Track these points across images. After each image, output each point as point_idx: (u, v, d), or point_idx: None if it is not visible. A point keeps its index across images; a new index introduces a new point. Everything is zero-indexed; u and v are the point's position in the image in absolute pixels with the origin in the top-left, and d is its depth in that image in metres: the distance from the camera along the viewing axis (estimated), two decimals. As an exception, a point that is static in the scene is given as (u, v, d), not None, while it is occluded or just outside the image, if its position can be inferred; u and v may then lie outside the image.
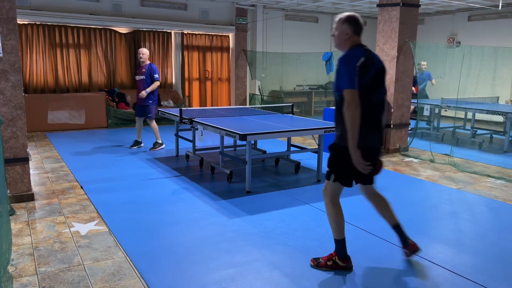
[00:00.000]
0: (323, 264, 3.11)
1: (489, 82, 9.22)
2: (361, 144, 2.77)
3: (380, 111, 2.91)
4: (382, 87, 2.92)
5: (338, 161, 2.95)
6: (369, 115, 2.82)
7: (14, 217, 4.03)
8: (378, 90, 2.88)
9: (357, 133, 2.74)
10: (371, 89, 2.80)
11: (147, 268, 3.08)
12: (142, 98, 6.98)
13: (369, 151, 2.87)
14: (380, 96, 2.90)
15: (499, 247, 3.56)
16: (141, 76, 7.00)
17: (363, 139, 2.77)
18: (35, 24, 9.16)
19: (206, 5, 10.94)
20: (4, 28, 4.12)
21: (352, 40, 2.86)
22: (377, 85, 2.85)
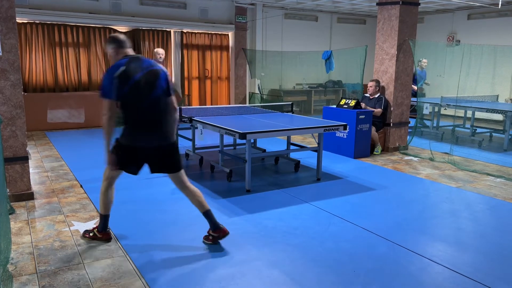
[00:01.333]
0: (86, 235, 3.54)
1: (489, 81, 9.22)
2: (125, 143, 3.16)
3: (150, 113, 3.14)
4: (152, 91, 3.13)
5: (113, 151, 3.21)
6: (137, 118, 3.13)
7: (13, 216, 4.02)
8: (145, 96, 3.10)
9: (109, 138, 3.13)
10: (135, 95, 3.07)
11: (147, 267, 3.08)
12: None
13: (128, 149, 3.18)
14: (148, 101, 3.11)
15: (499, 245, 3.57)
16: None
17: (128, 139, 3.16)
18: (34, 23, 9.15)
19: (205, 4, 10.93)
20: (3, 27, 4.12)
21: (120, 54, 3.21)
22: (141, 92, 3.09)
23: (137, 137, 3.17)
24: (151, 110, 3.15)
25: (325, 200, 4.60)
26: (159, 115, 3.18)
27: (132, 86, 3.06)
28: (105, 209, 3.46)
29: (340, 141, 6.86)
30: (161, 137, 3.21)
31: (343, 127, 5.30)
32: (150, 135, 3.18)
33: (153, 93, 3.14)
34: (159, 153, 3.23)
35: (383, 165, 6.31)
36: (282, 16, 12.08)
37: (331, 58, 9.97)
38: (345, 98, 7.01)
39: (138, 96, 3.09)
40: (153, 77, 3.14)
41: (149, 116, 3.15)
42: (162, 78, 3.19)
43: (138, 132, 3.17)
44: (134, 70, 3.09)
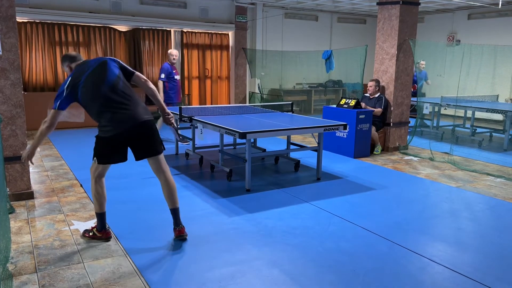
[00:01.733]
0: (86, 234, 3.56)
1: (489, 81, 9.22)
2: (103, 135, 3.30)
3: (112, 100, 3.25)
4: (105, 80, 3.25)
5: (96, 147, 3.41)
6: (103, 109, 3.25)
7: (13, 215, 4.03)
8: (99, 88, 3.24)
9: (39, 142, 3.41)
10: (89, 93, 3.25)
11: (147, 266, 3.08)
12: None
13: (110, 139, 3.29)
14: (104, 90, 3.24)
15: (499, 245, 3.57)
16: (178, 76, 7.53)
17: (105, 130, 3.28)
18: (34, 22, 9.15)
19: (205, 3, 10.93)
20: (3, 26, 4.12)
21: (73, 67, 3.36)
22: (93, 87, 3.24)
23: (112, 125, 3.25)
24: (112, 97, 3.26)
25: (325, 200, 4.60)
26: (122, 97, 3.29)
27: (82, 87, 3.23)
28: (99, 207, 3.50)
29: (340, 140, 6.86)
30: (132, 116, 3.28)
31: (343, 127, 5.30)
32: (121, 118, 3.26)
33: (106, 82, 3.25)
34: (136, 133, 3.29)
35: (383, 165, 6.31)
36: (282, 16, 12.08)
37: (331, 57, 9.97)
38: (345, 98, 7.01)
39: (92, 91, 3.24)
40: (100, 69, 3.27)
41: (113, 102, 3.25)
42: (111, 65, 3.32)
43: (110, 120, 3.25)
44: (79, 74, 3.25)
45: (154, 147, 3.40)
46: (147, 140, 3.36)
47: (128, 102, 3.32)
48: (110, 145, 3.32)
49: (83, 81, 3.24)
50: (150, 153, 3.40)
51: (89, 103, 3.30)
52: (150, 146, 3.38)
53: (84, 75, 3.25)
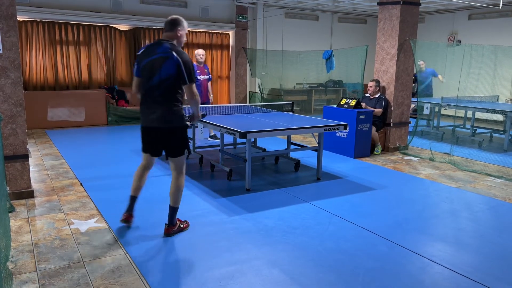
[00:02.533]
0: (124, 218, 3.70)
1: (489, 81, 9.21)
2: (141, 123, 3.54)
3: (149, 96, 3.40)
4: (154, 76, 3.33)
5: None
6: (142, 99, 3.46)
7: (13, 214, 4.03)
8: (147, 79, 3.38)
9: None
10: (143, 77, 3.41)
11: (147, 266, 3.08)
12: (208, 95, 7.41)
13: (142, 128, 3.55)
14: (148, 85, 3.38)
15: (498, 245, 3.57)
16: (206, 76, 7.36)
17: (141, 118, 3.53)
18: (35, 21, 9.15)
19: (206, 2, 10.92)
20: (4, 24, 4.11)
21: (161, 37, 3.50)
22: (145, 75, 3.38)
23: (142, 117, 3.50)
24: (150, 94, 3.39)
25: (325, 200, 4.60)
26: (155, 99, 3.37)
27: (140, 68, 3.41)
28: (132, 190, 3.72)
29: (340, 140, 6.86)
30: (156, 119, 3.40)
31: (344, 127, 5.30)
32: (146, 115, 3.45)
33: (154, 78, 3.34)
34: (158, 134, 3.46)
35: (383, 165, 6.31)
36: (283, 16, 12.08)
37: (332, 57, 9.97)
38: (345, 98, 7.00)
39: (145, 78, 3.39)
40: (158, 63, 3.30)
41: (149, 99, 3.41)
42: (169, 66, 3.28)
43: (141, 112, 3.50)
44: (146, 55, 3.38)
45: (173, 150, 3.51)
46: (165, 142, 3.50)
47: (157, 107, 3.39)
48: (142, 134, 3.59)
49: (142, 65, 3.40)
50: (168, 153, 3.55)
51: (141, 83, 3.47)
52: (169, 148, 3.52)
53: (145, 60, 3.38)
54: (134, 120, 9.66)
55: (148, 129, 3.50)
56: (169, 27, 3.40)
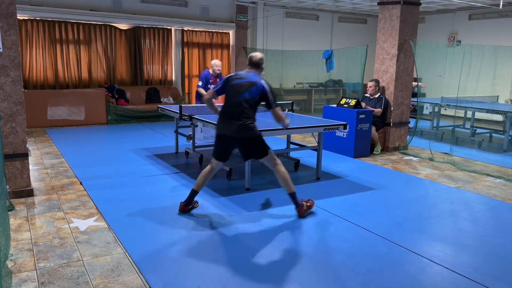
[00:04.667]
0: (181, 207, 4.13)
1: (489, 81, 9.22)
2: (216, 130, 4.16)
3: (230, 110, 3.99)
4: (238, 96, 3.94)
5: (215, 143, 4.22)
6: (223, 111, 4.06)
7: (13, 213, 4.03)
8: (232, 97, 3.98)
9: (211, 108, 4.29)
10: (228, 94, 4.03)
11: (146, 265, 3.08)
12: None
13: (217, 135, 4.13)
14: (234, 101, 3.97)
15: (498, 245, 3.57)
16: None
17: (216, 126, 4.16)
18: (35, 19, 9.14)
19: (206, 2, 10.92)
20: (4, 23, 4.11)
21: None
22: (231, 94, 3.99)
23: (220, 126, 4.06)
24: (232, 108, 3.96)
25: (325, 200, 4.60)
26: (236, 114, 3.93)
27: (228, 87, 4.02)
28: (197, 186, 4.12)
29: (340, 140, 6.86)
30: (234, 130, 3.94)
31: (343, 127, 5.30)
32: (224, 126, 4.01)
33: (238, 96, 3.93)
34: (235, 142, 4.03)
35: (383, 165, 6.31)
36: (283, 15, 12.07)
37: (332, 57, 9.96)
38: (345, 98, 7.00)
39: (228, 95, 4.01)
40: (244, 87, 3.93)
41: (228, 112, 3.98)
42: (253, 91, 3.92)
43: (219, 122, 4.08)
44: (234, 77, 4.03)
45: (256, 153, 4.09)
46: (246, 149, 4.08)
47: (235, 121, 3.94)
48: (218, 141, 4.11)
49: (234, 83, 3.99)
50: (255, 156, 4.12)
51: (226, 99, 4.07)
52: (252, 153, 4.10)
53: (239, 80, 4.00)
54: (134, 119, 9.66)
55: (224, 137, 4.04)
56: (255, 64, 4.10)
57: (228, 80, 4.05)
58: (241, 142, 4.01)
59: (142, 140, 7.61)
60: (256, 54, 4.14)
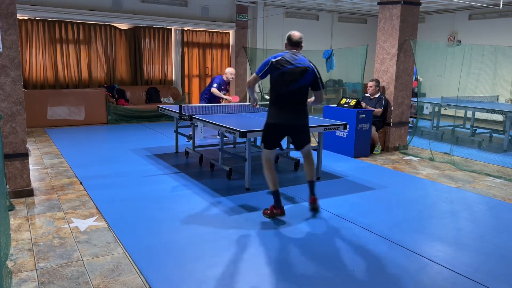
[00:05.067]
0: (265, 212, 4.05)
1: (489, 81, 9.21)
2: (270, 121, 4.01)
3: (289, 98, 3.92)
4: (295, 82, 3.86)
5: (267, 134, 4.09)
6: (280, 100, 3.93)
7: (13, 213, 4.03)
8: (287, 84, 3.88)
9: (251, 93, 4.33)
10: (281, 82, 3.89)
11: (146, 264, 3.08)
12: None
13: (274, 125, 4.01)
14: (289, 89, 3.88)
15: (498, 245, 3.57)
16: (225, 91, 7.65)
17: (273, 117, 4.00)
18: (35, 19, 9.14)
19: (206, 2, 10.92)
20: (4, 23, 4.11)
21: (286, 48, 4.07)
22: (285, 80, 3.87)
23: (276, 116, 3.93)
24: (290, 96, 3.88)
25: (325, 199, 4.59)
26: (295, 101, 3.91)
27: (279, 74, 3.85)
28: (273, 185, 4.01)
29: (340, 140, 6.86)
30: (293, 117, 3.94)
31: (343, 126, 5.30)
32: (284, 114, 3.92)
33: (295, 84, 3.85)
34: (292, 130, 4.06)
35: (383, 165, 6.31)
36: (283, 15, 12.07)
37: (332, 57, 9.95)
38: (345, 98, 7.00)
39: (282, 83, 3.86)
40: (297, 74, 3.84)
41: (286, 100, 3.90)
42: (307, 78, 3.89)
43: (277, 112, 3.93)
44: (283, 63, 3.85)
45: (304, 142, 4.11)
46: (298, 137, 4.10)
47: (295, 107, 3.94)
48: (272, 131, 4.01)
49: (286, 69, 3.85)
50: (300, 145, 4.13)
51: (276, 87, 3.92)
52: (301, 141, 4.11)
53: (289, 66, 3.85)
54: (134, 119, 9.66)
55: (283, 126, 3.97)
56: (297, 43, 4.01)
57: (275, 65, 3.87)
58: (299, 129, 4.02)
59: (142, 140, 7.61)
60: (294, 33, 4.02)
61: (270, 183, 4.02)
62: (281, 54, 3.93)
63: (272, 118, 3.97)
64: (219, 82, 7.50)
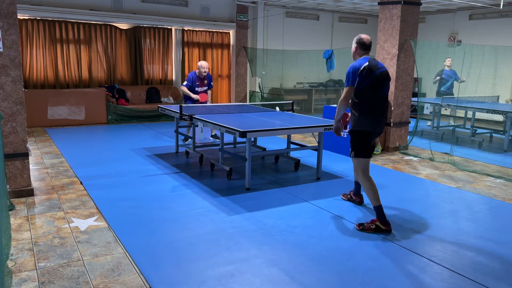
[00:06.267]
0: (367, 228, 3.77)
1: (490, 81, 9.21)
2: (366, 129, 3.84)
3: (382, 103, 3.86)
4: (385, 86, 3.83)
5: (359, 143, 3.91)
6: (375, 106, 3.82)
7: (13, 212, 4.03)
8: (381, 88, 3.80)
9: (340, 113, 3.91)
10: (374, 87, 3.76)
11: (146, 264, 3.09)
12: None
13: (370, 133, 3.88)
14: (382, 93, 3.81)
15: (498, 245, 3.57)
16: (204, 88, 7.29)
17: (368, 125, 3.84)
18: (35, 19, 9.14)
19: (206, 1, 10.92)
20: (5, 23, 4.11)
21: (359, 54, 3.92)
22: (379, 85, 3.78)
23: (375, 123, 3.81)
24: (383, 101, 3.84)
25: (325, 199, 4.60)
26: (385, 106, 3.90)
27: (372, 79, 3.72)
28: (378, 200, 3.82)
29: (340, 140, 6.86)
30: (383, 123, 3.95)
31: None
32: (382, 121, 3.88)
33: (385, 89, 3.83)
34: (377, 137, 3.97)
35: (383, 165, 6.31)
36: (283, 15, 12.07)
37: (332, 57, 9.96)
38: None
39: (375, 89, 3.75)
40: (386, 76, 3.82)
41: (382, 106, 3.84)
42: (389, 79, 3.87)
43: (375, 119, 3.81)
44: (374, 66, 3.76)
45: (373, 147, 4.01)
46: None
47: (385, 112, 4.00)
48: (368, 139, 3.86)
49: (377, 74, 3.74)
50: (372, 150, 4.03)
51: (369, 93, 3.75)
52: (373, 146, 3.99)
53: (378, 70, 3.76)
54: (134, 119, 9.66)
55: (377, 134, 3.90)
56: (369, 47, 3.92)
57: (369, 71, 3.71)
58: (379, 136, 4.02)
59: (142, 140, 7.61)
60: (366, 37, 3.95)
61: (375, 197, 3.81)
62: (364, 60, 3.77)
63: (369, 126, 3.79)
64: (191, 79, 7.20)
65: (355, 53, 3.94)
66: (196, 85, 7.19)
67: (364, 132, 3.81)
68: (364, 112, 3.78)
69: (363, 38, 3.94)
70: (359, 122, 3.81)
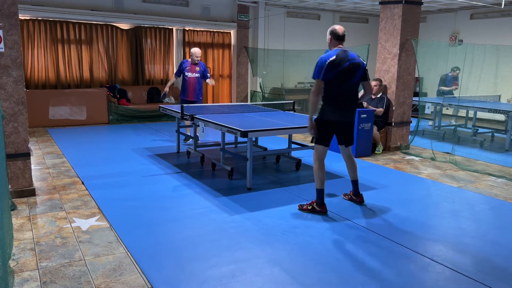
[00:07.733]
0: (305, 208, 4.17)
1: (491, 81, 9.20)
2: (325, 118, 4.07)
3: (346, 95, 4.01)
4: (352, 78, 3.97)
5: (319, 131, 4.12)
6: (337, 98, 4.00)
7: (15, 212, 4.04)
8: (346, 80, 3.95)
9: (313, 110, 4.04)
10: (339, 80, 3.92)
11: (148, 264, 3.09)
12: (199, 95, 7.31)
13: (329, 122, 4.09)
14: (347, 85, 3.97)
15: (500, 245, 3.57)
16: (196, 74, 7.20)
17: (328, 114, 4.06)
18: (36, 19, 9.15)
19: (207, 1, 10.92)
20: (6, 23, 4.12)
21: (333, 45, 4.07)
22: (344, 77, 3.92)
23: (336, 112, 4.01)
24: (350, 91, 3.99)
25: (326, 199, 4.59)
26: (352, 97, 4.03)
27: (338, 72, 3.87)
28: (321, 184, 4.09)
29: (341, 140, 6.85)
30: (349, 114, 4.09)
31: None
32: (343, 111, 4.03)
33: (352, 80, 3.95)
34: (345, 127, 4.15)
35: (385, 165, 6.31)
36: (284, 15, 12.06)
37: (333, 57, 9.92)
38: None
39: (341, 80, 3.91)
40: (353, 71, 3.93)
41: (348, 96, 3.99)
42: (361, 69, 3.98)
43: (337, 108, 4.00)
44: (343, 59, 3.89)
45: (352, 139, 4.29)
46: (349, 133, 4.22)
47: (351, 103, 4.07)
48: (325, 128, 4.07)
49: (344, 67, 3.89)
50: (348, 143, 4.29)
51: (333, 85, 3.93)
52: (350, 138, 4.27)
53: (347, 63, 3.90)
54: (135, 119, 9.67)
55: (339, 123, 4.08)
56: (343, 37, 4.04)
57: (334, 64, 3.87)
58: (350, 126, 4.17)
59: (144, 140, 7.62)
60: (340, 27, 4.04)
61: (319, 180, 4.09)
62: (333, 52, 3.94)
63: (328, 115, 4.03)
64: (180, 66, 7.25)
65: (330, 44, 4.09)
66: (186, 69, 7.18)
67: (324, 120, 4.04)
68: (326, 102, 4.01)
69: (336, 28, 4.04)
70: (321, 111, 4.07)
